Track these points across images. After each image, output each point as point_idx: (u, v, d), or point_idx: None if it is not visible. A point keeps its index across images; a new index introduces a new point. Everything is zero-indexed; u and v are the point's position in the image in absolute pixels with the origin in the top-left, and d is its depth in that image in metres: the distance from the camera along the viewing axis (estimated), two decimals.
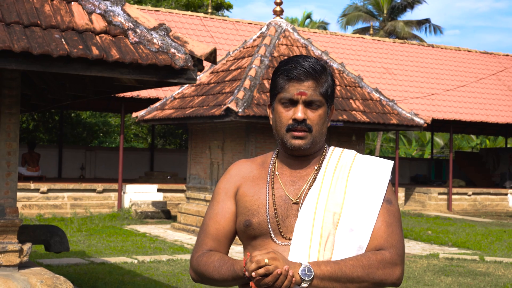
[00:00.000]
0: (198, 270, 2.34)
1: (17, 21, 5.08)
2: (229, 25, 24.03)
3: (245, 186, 2.40)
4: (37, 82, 7.77)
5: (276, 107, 2.34)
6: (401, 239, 2.29)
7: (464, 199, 24.14)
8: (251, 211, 2.34)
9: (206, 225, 2.43)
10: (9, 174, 5.99)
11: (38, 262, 10.23)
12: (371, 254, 2.22)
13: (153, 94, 19.12)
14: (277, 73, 2.34)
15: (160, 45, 5.40)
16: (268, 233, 2.30)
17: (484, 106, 24.80)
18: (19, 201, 17.22)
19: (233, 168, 2.48)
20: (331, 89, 2.34)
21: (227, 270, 2.25)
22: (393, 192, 2.37)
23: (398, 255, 2.25)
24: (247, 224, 2.33)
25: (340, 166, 2.36)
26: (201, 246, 2.40)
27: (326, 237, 2.24)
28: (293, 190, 2.34)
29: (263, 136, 14.30)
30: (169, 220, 17.73)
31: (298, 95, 2.28)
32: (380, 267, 2.20)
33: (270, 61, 14.50)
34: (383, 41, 27.19)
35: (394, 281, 2.24)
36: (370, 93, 15.51)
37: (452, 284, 9.77)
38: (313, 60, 2.31)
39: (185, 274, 9.88)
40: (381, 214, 2.28)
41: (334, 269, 2.17)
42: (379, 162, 2.38)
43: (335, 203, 2.28)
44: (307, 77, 2.28)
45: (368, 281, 2.19)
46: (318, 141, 2.34)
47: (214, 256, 2.32)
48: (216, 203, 2.43)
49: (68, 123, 29.35)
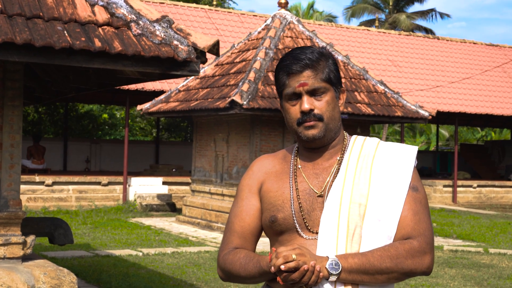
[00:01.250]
0: (225, 268, 2.31)
1: (19, 13, 5.07)
2: (234, 17, 23.98)
3: (268, 181, 2.37)
4: (41, 75, 7.76)
5: (284, 104, 2.33)
6: (429, 227, 2.24)
7: (469, 192, 24.09)
8: (276, 206, 2.30)
9: (231, 222, 2.40)
10: (13, 166, 5.99)
11: (42, 255, 10.25)
12: (398, 243, 2.18)
13: (158, 87, 19.11)
14: (277, 71, 2.33)
15: (163, 37, 5.38)
16: (294, 228, 2.27)
17: (490, 98, 24.71)
18: (24, 194, 17.26)
19: (256, 164, 2.44)
20: (334, 74, 2.30)
21: (253, 266, 2.22)
22: (418, 178, 2.31)
23: (427, 243, 2.19)
24: (273, 220, 2.30)
25: (363, 155, 2.32)
26: (227, 244, 2.37)
27: (353, 229, 2.21)
28: (317, 183, 2.30)
29: (268, 128, 14.28)
30: (174, 213, 17.75)
31: (299, 87, 2.26)
32: (409, 257, 2.16)
33: (275, 53, 14.47)
34: (389, 33, 27.10)
35: (424, 270, 2.19)
36: (375, 86, 15.46)
37: (456, 276, 9.76)
38: (308, 50, 2.29)
39: (189, 267, 9.90)
40: (407, 202, 2.23)
41: (361, 261, 2.14)
42: (403, 148, 2.34)
43: (360, 194, 2.24)
44: (304, 68, 2.26)
45: (397, 272, 2.15)
46: (333, 127, 2.30)
47: (240, 254, 2.29)
48: (241, 200, 2.41)
49: (73, 116, 29.39)
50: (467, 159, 30.00)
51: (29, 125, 28.50)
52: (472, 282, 9.40)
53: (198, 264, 10.17)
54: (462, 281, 9.45)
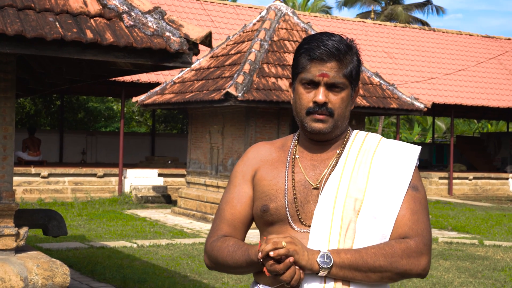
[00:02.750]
0: (212, 255, 2.24)
1: (10, 4, 5.05)
2: (229, 9, 23.94)
3: (263, 169, 2.28)
4: (35, 67, 7.75)
5: (297, 87, 2.21)
6: (428, 228, 2.15)
7: (465, 184, 24.14)
8: (269, 195, 2.22)
9: (221, 209, 2.31)
10: (5, 158, 5.99)
11: (38, 246, 10.26)
12: (394, 242, 2.09)
13: (153, 79, 19.08)
14: (299, 51, 2.20)
15: (155, 28, 5.36)
16: (286, 219, 2.18)
17: (486, 90, 24.73)
18: (20, 185, 17.26)
19: (251, 151, 2.35)
20: (356, 70, 2.20)
21: (241, 255, 2.14)
22: (419, 178, 2.23)
23: (424, 244, 2.11)
24: (264, 209, 2.21)
25: (363, 150, 2.24)
26: (216, 231, 2.28)
27: (347, 225, 2.12)
28: (314, 175, 2.22)
29: (263, 120, 14.28)
30: (169, 205, 17.76)
31: (319, 77, 2.15)
32: (404, 256, 2.07)
33: (270, 45, 14.45)
34: (384, 25, 27.08)
35: (420, 271, 2.10)
36: (370, 78, 15.46)
37: (451, 268, 9.79)
38: (337, 39, 2.17)
39: (184, 258, 9.91)
40: (406, 201, 2.14)
41: (354, 257, 2.06)
42: (405, 146, 2.26)
43: (357, 188, 2.15)
44: (330, 57, 2.14)
45: (391, 271, 2.07)
46: (340, 125, 2.22)
47: (229, 242, 2.21)
48: (233, 187, 2.32)
49: (69, 108, 29.35)
50: (463, 151, 30.04)
51: (25, 117, 28.46)
52: (466, 274, 9.43)
53: (192, 255, 10.19)
54: (457, 273, 9.47)
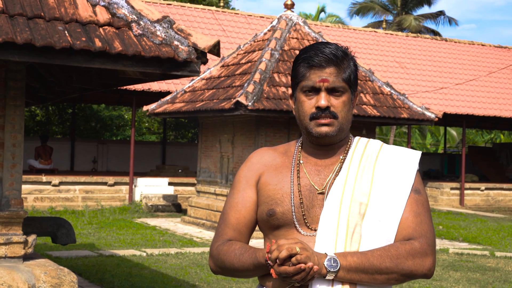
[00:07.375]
0: (219, 259, 2.26)
1: (20, 13, 5.09)
2: (240, 18, 23.99)
3: (267, 174, 2.32)
4: (45, 75, 7.79)
5: (298, 96, 2.26)
6: (431, 229, 2.20)
7: (477, 194, 23.99)
8: (275, 200, 2.25)
9: (226, 214, 2.34)
10: (14, 166, 6.01)
11: (47, 254, 10.29)
12: (399, 244, 2.14)
13: (164, 88, 19.14)
14: (297, 61, 2.26)
15: (164, 37, 5.38)
16: (293, 223, 2.23)
17: (498, 100, 24.60)
18: (31, 193, 17.32)
19: (255, 156, 2.39)
20: (353, 75, 2.27)
21: (248, 257, 2.17)
22: (421, 182, 2.28)
23: (429, 244, 2.16)
24: (271, 213, 2.25)
25: (366, 156, 2.30)
26: (221, 236, 2.31)
27: (353, 228, 2.17)
28: (318, 180, 2.26)
29: (273, 129, 14.27)
30: (179, 214, 17.76)
31: (320, 83, 2.21)
32: (410, 257, 2.12)
33: (281, 54, 14.46)
34: (396, 35, 27.04)
35: (425, 272, 2.14)
36: (381, 87, 15.43)
37: (461, 279, 9.71)
38: (334, 46, 2.24)
39: (193, 267, 9.90)
40: (409, 204, 2.20)
41: (361, 260, 2.09)
42: (406, 151, 2.32)
43: (361, 193, 2.21)
44: (328, 63, 2.21)
45: (397, 272, 2.11)
46: (345, 128, 2.27)
47: (235, 245, 2.24)
48: (237, 192, 2.35)
49: (81, 117, 29.47)
50: (475, 162, 29.87)
51: (37, 125, 28.60)
52: (477, 285, 9.35)
53: (201, 264, 10.17)
54: (467, 284, 9.40)
